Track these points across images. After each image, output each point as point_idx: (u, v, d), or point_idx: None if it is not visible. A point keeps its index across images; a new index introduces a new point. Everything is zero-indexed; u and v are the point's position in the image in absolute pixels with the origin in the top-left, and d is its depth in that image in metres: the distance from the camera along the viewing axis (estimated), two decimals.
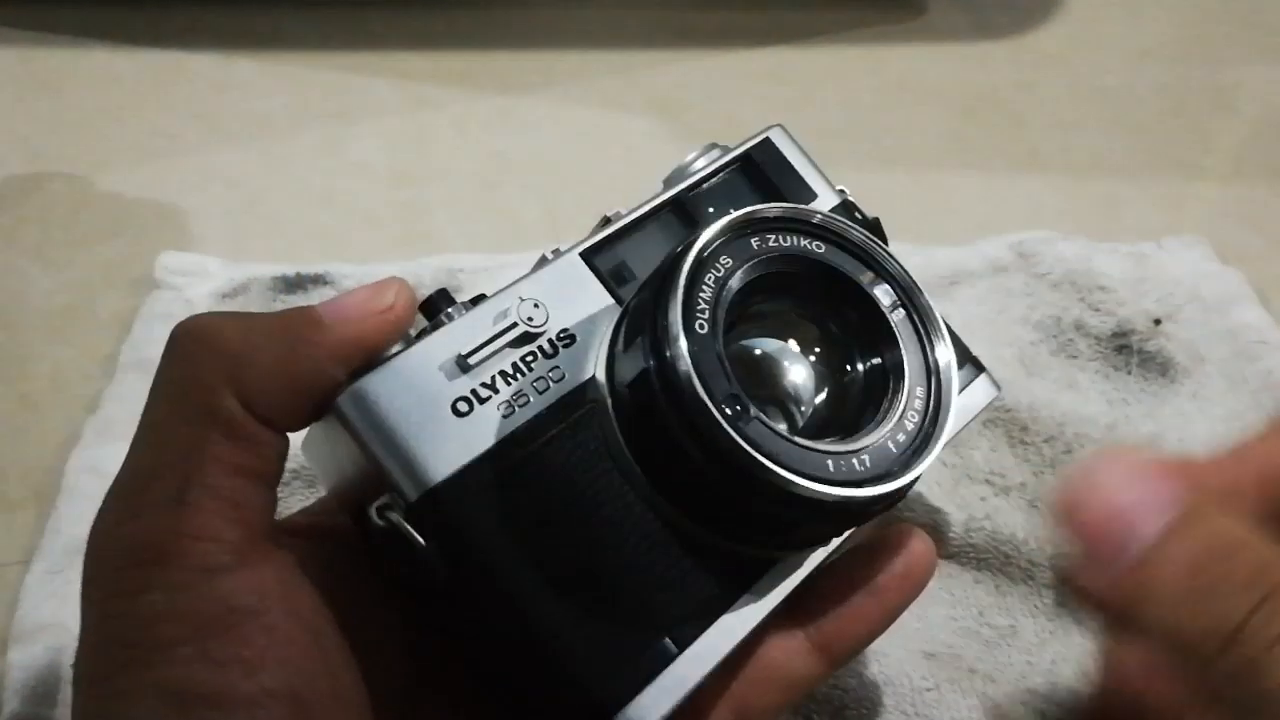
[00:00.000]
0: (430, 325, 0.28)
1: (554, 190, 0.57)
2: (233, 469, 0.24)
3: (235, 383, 0.25)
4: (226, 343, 0.25)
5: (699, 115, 0.61)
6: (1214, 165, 0.59)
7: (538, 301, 0.29)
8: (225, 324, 0.25)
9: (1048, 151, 0.59)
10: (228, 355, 0.25)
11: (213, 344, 0.25)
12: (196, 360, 0.25)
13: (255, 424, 0.25)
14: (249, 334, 0.25)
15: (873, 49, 0.66)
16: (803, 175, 0.34)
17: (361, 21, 0.66)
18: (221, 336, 0.25)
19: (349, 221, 0.55)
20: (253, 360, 0.25)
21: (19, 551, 0.41)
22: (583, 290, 0.30)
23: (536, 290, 0.29)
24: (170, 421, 0.25)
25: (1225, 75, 0.64)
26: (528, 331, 0.28)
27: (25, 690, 0.37)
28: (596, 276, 0.30)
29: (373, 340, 0.26)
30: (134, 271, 0.51)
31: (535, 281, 0.29)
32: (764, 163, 0.34)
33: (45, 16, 0.65)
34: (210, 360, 0.25)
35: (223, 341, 0.25)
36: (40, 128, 0.60)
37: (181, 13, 0.66)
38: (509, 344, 0.28)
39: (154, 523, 0.24)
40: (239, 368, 0.25)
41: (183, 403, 0.25)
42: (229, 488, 0.24)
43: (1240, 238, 0.53)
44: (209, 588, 0.23)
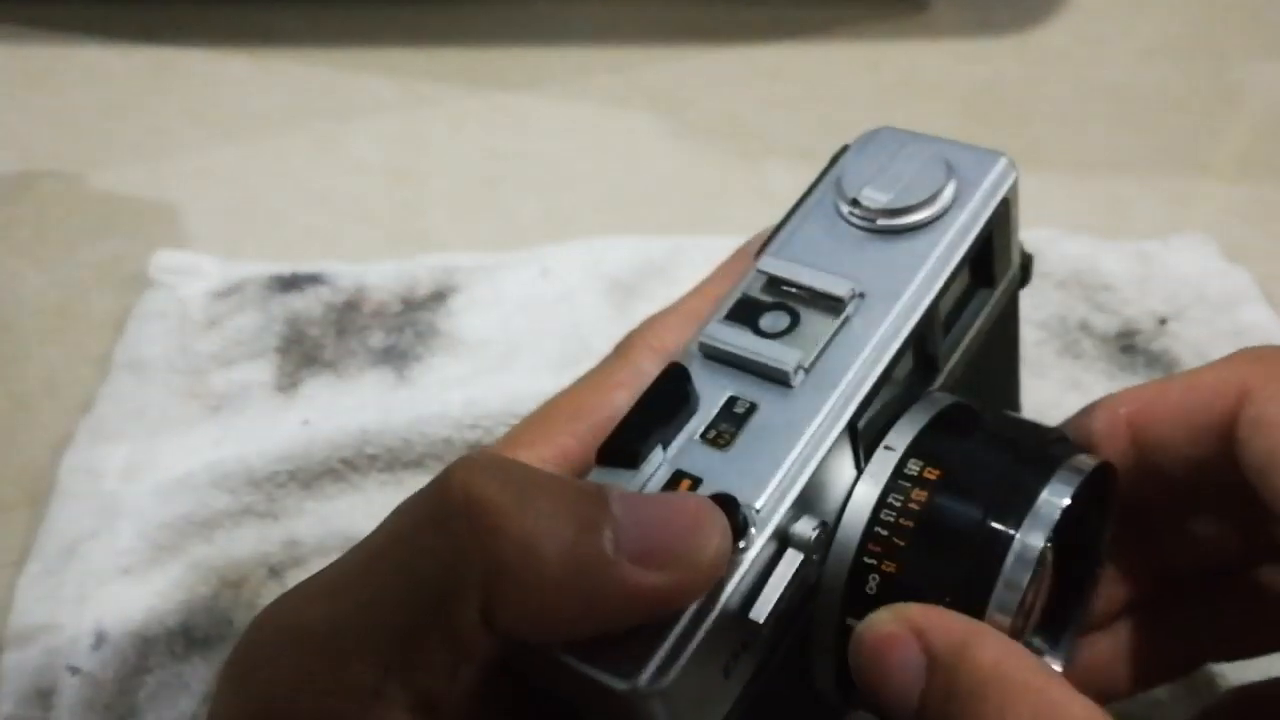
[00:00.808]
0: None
1: (552, 188, 0.57)
2: (436, 672, 0.21)
3: (488, 594, 0.20)
4: (499, 544, 0.20)
5: (699, 112, 0.61)
6: (1221, 163, 0.58)
7: (824, 524, 0.23)
8: (506, 512, 0.20)
9: (1051, 149, 0.59)
10: (494, 561, 0.20)
11: (484, 537, 0.20)
12: (457, 550, 0.20)
13: (487, 641, 0.21)
14: (530, 537, 0.20)
15: (874, 45, 0.65)
16: (1011, 245, 0.28)
17: (357, 18, 0.66)
18: (498, 533, 0.20)
19: (345, 220, 0.55)
20: (521, 578, 0.20)
21: (12, 552, 0.41)
22: (840, 469, 0.24)
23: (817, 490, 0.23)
24: (397, 601, 0.21)
25: (1232, 72, 0.63)
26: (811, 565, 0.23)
27: (19, 692, 0.36)
28: (852, 449, 0.24)
29: (670, 601, 0.21)
30: (127, 270, 0.51)
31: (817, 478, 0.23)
32: (993, 232, 0.27)
33: (37, 12, 0.65)
34: (473, 558, 0.20)
35: (496, 540, 0.20)
36: (32, 125, 0.59)
37: (176, 9, 0.66)
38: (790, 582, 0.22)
39: (346, 711, 0.21)
40: (501, 580, 0.20)
41: (420, 590, 0.21)
42: (430, 688, 0.21)
43: (1247, 236, 0.53)
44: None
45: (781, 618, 0.22)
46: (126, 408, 0.45)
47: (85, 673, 0.36)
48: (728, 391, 0.24)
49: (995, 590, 0.23)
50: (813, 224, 0.27)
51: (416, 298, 0.49)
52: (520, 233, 0.54)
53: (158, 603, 0.38)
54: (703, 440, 0.23)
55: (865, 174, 0.27)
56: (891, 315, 0.25)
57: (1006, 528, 0.23)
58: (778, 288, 0.25)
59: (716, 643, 0.21)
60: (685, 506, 0.21)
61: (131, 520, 0.41)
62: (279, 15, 0.66)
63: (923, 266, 0.25)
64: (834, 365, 0.24)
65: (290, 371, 0.46)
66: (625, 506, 0.21)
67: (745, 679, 0.23)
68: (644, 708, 0.21)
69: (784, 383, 0.24)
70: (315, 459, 0.42)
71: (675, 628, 0.21)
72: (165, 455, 0.43)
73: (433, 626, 0.20)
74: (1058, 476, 0.24)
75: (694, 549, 0.21)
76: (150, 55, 0.64)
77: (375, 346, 0.47)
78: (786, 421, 0.23)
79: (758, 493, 0.22)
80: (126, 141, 0.59)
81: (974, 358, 0.29)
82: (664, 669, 0.21)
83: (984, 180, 0.27)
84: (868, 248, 0.26)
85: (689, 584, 0.21)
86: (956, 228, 0.26)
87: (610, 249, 0.50)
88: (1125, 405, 0.27)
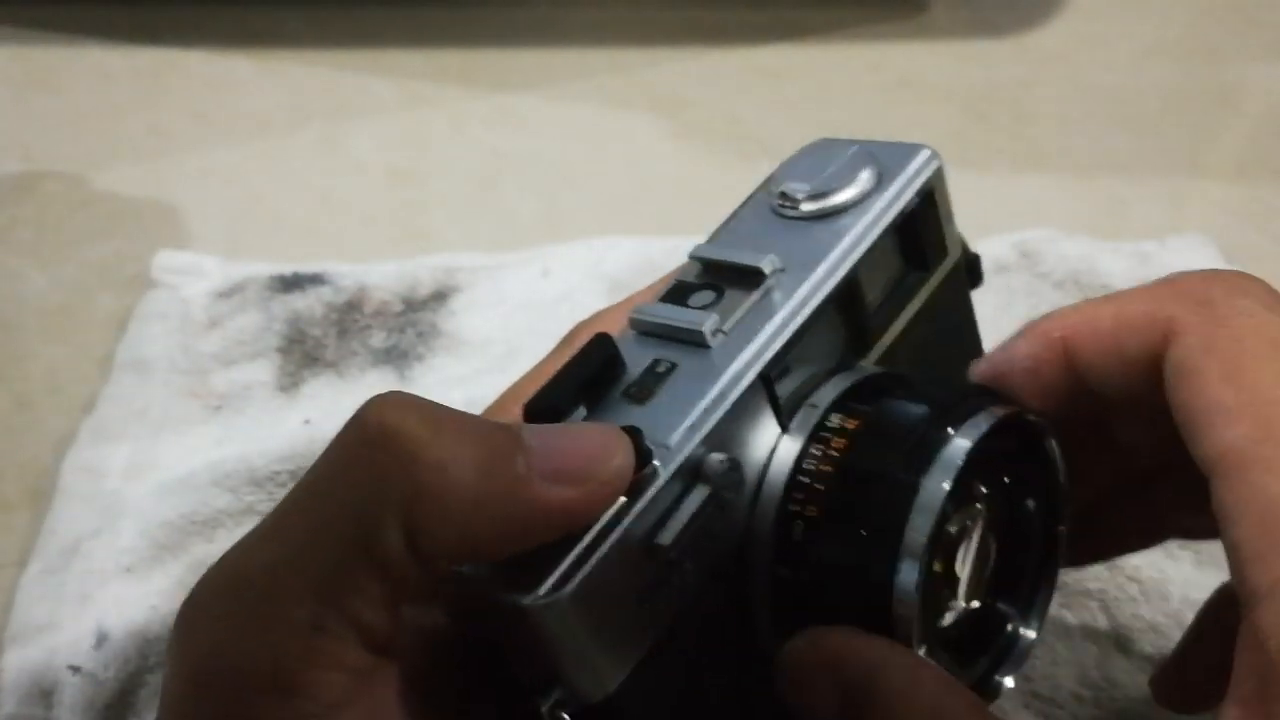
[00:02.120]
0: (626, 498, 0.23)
1: (553, 189, 0.57)
2: (372, 599, 0.21)
3: (409, 518, 0.21)
4: (416, 469, 0.21)
5: (699, 113, 0.61)
6: (1219, 164, 0.58)
7: (734, 461, 0.24)
8: (421, 440, 0.21)
9: (1050, 150, 0.59)
10: (412, 485, 0.21)
11: (400, 464, 0.21)
12: (375, 478, 0.21)
13: (412, 565, 0.21)
14: (444, 463, 0.21)
15: (875, 46, 0.65)
16: (944, 230, 0.30)
17: (359, 19, 0.66)
18: (414, 459, 0.21)
19: (346, 220, 0.55)
20: (438, 500, 0.21)
21: (14, 552, 0.41)
22: (756, 421, 0.25)
23: (726, 432, 0.24)
24: (322, 536, 0.21)
25: (1230, 73, 0.64)
26: (720, 501, 0.24)
27: (21, 691, 0.36)
28: (770, 403, 0.25)
29: (578, 516, 0.22)
30: (130, 270, 0.51)
31: (726, 421, 0.24)
32: (917, 216, 0.29)
33: (40, 14, 0.65)
34: (390, 484, 0.21)
35: (413, 466, 0.21)
36: (35, 126, 0.60)
37: (178, 10, 0.66)
38: (698, 512, 0.23)
39: (285, 647, 0.21)
40: (419, 503, 0.21)
41: (342, 521, 0.21)
42: (364, 618, 0.21)
43: (1245, 236, 0.53)
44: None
45: (701, 559, 0.24)
46: (128, 407, 0.45)
47: (86, 672, 0.36)
48: (652, 357, 0.25)
49: (905, 532, 0.24)
50: (745, 217, 0.29)
51: (418, 298, 0.49)
52: (521, 233, 0.54)
53: (159, 602, 0.39)
54: (624, 397, 0.24)
55: (795, 172, 0.29)
56: (809, 282, 0.26)
57: (911, 473, 0.24)
58: (707, 270, 0.27)
59: (622, 565, 0.22)
60: (590, 430, 0.23)
61: (133, 519, 0.41)
62: (280, 17, 0.66)
63: (841, 241, 0.27)
64: (750, 326, 0.25)
65: (292, 371, 0.46)
66: (535, 434, 0.22)
67: (668, 617, 0.24)
68: (543, 621, 0.22)
69: (702, 344, 0.25)
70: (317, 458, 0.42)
71: (577, 545, 0.22)
72: (167, 455, 0.43)
73: (360, 556, 0.21)
74: (968, 423, 0.25)
75: (600, 465, 0.22)
76: (152, 56, 0.64)
77: (376, 346, 0.47)
78: (702, 375, 0.25)
79: (668, 433, 0.23)
80: (128, 142, 0.59)
81: (919, 344, 0.30)
82: (562, 582, 0.21)
83: (905, 168, 0.28)
84: (793, 231, 0.28)
85: (596, 498, 0.22)
86: (876, 209, 0.27)
87: (611, 249, 0.51)
88: (1058, 329, 0.27)
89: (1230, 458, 0.22)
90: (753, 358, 0.25)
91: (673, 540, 0.23)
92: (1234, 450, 0.22)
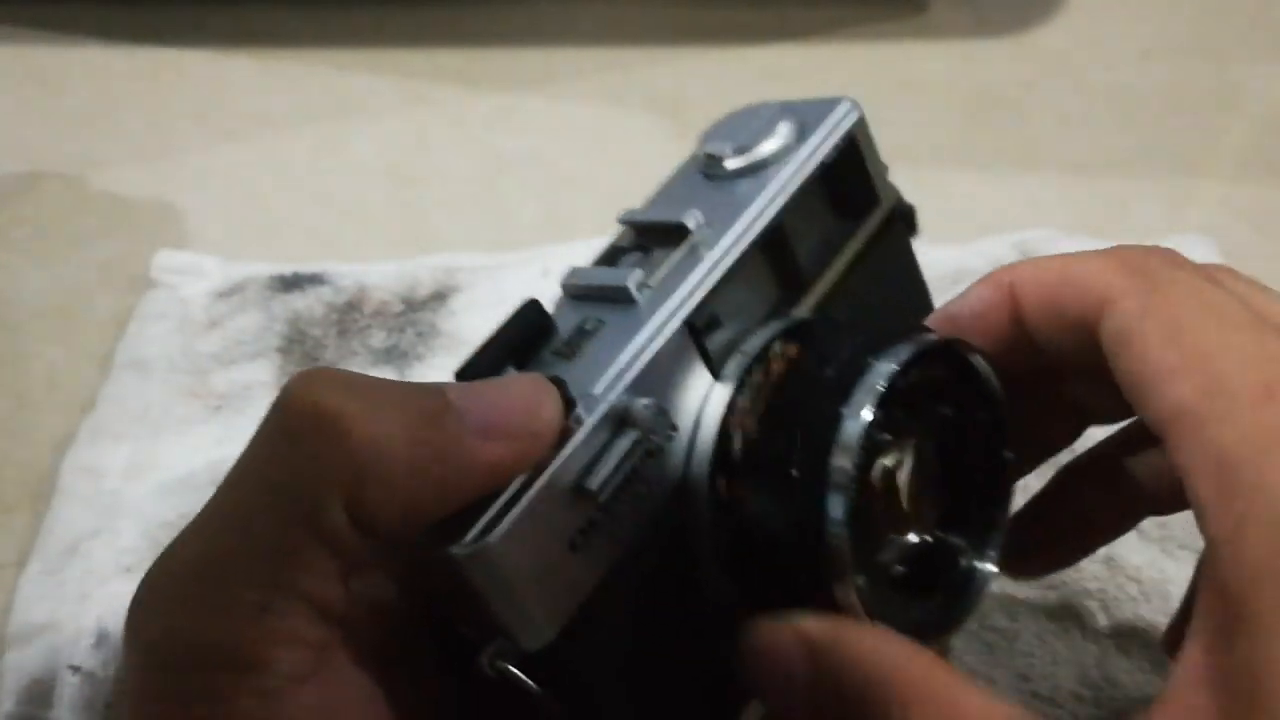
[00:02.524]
0: None
1: (553, 189, 0.57)
2: (321, 575, 0.22)
3: (349, 495, 0.21)
4: (351, 447, 0.21)
5: (699, 113, 0.60)
6: (1219, 164, 0.58)
7: (659, 407, 0.24)
8: (353, 416, 0.21)
9: (1050, 150, 0.59)
10: (349, 463, 0.21)
11: (335, 443, 0.21)
12: (312, 458, 0.21)
13: (358, 538, 0.22)
14: (378, 438, 0.21)
15: (874, 46, 0.65)
16: (872, 176, 0.30)
17: (359, 19, 0.66)
18: (348, 437, 0.21)
19: (346, 220, 0.55)
20: (376, 475, 0.21)
21: (14, 553, 0.41)
22: (685, 368, 0.26)
23: (653, 380, 0.25)
24: (264, 518, 0.22)
25: (1230, 73, 0.64)
26: (649, 446, 0.24)
27: (21, 691, 0.36)
28: (699, 352, 0.26)
29: (513, 469, 0.22)
30: (129, 270, 0.51)
31: (651, 369, 0.25)
32: (841, 164, 0.29)
33: (40, 14, 0.65)
34: (327, 464, 0.21)
35: (348, 444, 0.21)
36: (35, 125, 0.60)
37: (178, 10, 0.66)
38: (627, 455, 0.24)
39: (240, 628, 0.21)
40: (358, 480, 0.21)
41: (283, 503, 0.22)
42: (316, 592, 0.22)
43: (1245, 237, 0.53)
44: (299, 693, 0.22)
45: (640, 505, 0.24)
46: (128, 407, 0.45)
47: (86, 671, 0.36)
48: (581, 316, 0.25)
49: (833, 453, 0.24)
50: (673, 183, 0.29)
51: (418, 298, 0.49)
52: (521, 233, 0.54)
53: None
54: (552, 354, 0.25)
55: (719, 134, 0.29)
56: (731, 232, 0.26)
57: (832, 403, 0.25)
58: (637, 233, 0.28)
59: (551, 512, 0.23)
60: (517, 383, 0.23)
61: (133, 519, 0.41)
62: (281, 16, 0.66)
63: (763, 192, 0.27)
64: (675, 278, 0.26)
65: (292, 371, 0.46)
66: (462, 392, 0.23)
67: (605, 565, 0.24)
68: (473, 568, 0.22)
69: (628, 300, 0.25)
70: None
71: (503, 494, 0.22)
72: (167, 454, 0.43)
73: (305, 535, 0.21)
74: (889, 351, 0.25)
75: (529, 417, 0.22)
76: (152, 56, 0.64)
77: (376, 346, 0.47)
78: (628, 327, 0.25)
79: (594, 382, 0.24)
80: (129, 142, 0.59)
81: (857, 293, 0.30)
82: (488, 530, 0.22)
83: (825, 120, 0.29)
84: (718, 188, 0.28)
85: (527, 450, 0.22)
86: (797, 159, 0.28)
87: None
88: (1009, 275, 0.28)
89: (1180, 416, 0.23)
90: (677, 306, 0.25)
91: (601, 484, 0.23)
92: (1183, 408, 0.23)
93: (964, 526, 0.28)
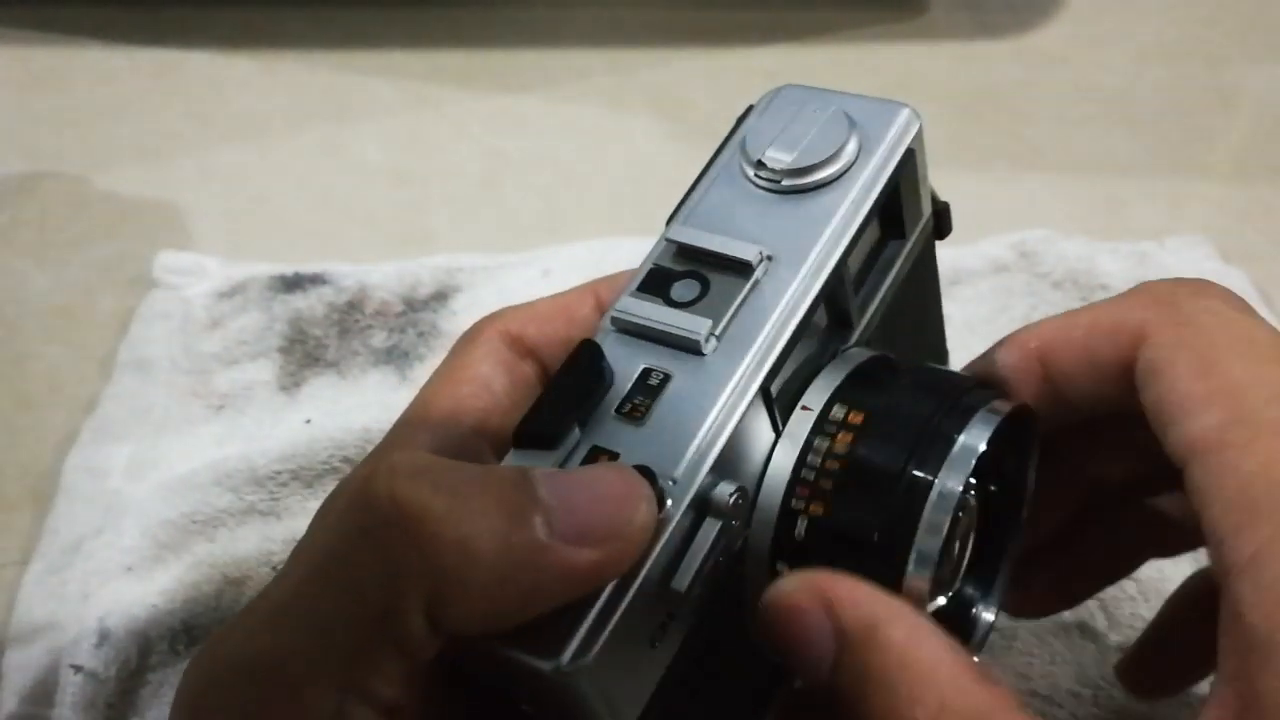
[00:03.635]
0: None
1: (554, 189, 0.57)
2: (392, 677, 0.21)
3: (430, 599, 0.20)
4: (436, 550, 0.20)
5: (700, 114, 0.61)
6: (1216, 164, 0.59)
7: (743, 492, 0.23)
8: (438, 518, 0.20)
9: (1049, 150, 0.59)
10: (433, 568, 0.20)
11: (419, 545, 0.20)
12: (393, 561, 0.20)
13: (435, 644, 0.21)
14: (464, 540, 0.20)
15: (874, 48, 0.65)
16: (921, 195, 0.28)
17: (361, 20, 0.66)
18: (433, 540, 0.20)
19: (348, 221, 0.55)
20: (460, 580, 0.20)
21: (16, 552, 0.41)
22: (756, 433, 0.24)
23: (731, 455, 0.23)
24: (342, 619, 0.21)
25: (1228, 74, 0.64)
26: (731, 538, 0.23)
27: (23, 690, 0.36)
28: (768, 412, 0.24)
29: (602, 574, 0.21)
30: (131, 271, 0.51)
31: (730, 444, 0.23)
32: (900, 183, 0.27)
33: (42, 14, 0.65)
34: (410, 567, 0.20)
35: (432, 547, 0.20)
36: (37, 126, 0.60)
37: (180, 11, 0.66)
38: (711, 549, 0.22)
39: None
40: (441, 585, 0.20)
41: (362, 605, 0.20)
42: (386, 695, 0.21)
43: (1243, 237, 0.53)
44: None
45: (706, 585, 0.22)
46: (130, 407, 0.45)
47: (88, 671, 0.36)
48: (641, 364, 0.24)
49: (918, 533, 0.23)
50: (719, 189, 0.27)
51: (419, 298, 0.49)
52: (521, 233, 0.54)
53: (161, 601, 0.39)
54: (618, 415, 0.23)
55: (768, 134, 0.27)
56: (799, 276, 0.25)
57: (926, 473, 0.24)
58: (687, 256, 0.25)
59: (640, 615, 0.22)
60: (609, 479, 0.22)
61: (135, 519, 0.41)
62: (282, 18, 0.66)
63: (828, 224, 0.25)
64: (744, 330, 0.24)
65: (293, 371, 0.46)
66: (552, 488, 0.21)
67: (674, 648, 0.23)
68: (569, 686, 0.21)
69: (696, 351, 0.24)
70: (318, 458, 0.42)
71: (597, 604, 0.21)
72: (169, 454, 0.43)
73: (382, 640, 0.20)
74: (976, 420, 0.24)
75: (623, 521, 0.21)
76: (154, 57, 0.64)
77: (378, 346, 0.47)
78: (700, 390, 0.23)
79: (674, 463, 0.22)
80: (130, 143, 0.59)
81: (890, 310, 0.29)
82: (586, 646, 0.21)
83: (887, 133, 0.27)
84: (774, 209, 0.26)
85: (621, 555, 0.21)
86: (861, 183, 0.26)
87: (611, 250, 0.51)
88: (1035, 339, 0.27)
89: (1203, 443, 0.23)
90: (752, 368, 0.23)
91: (688, 585, 0.22)
92: (1207, 435, 0.23)
93: (979, 576, 0.28)
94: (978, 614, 0.28)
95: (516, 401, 0.27)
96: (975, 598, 0.28)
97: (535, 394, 0.25)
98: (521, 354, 0.27)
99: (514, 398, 0.27)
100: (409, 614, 0.20)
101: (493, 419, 0.26)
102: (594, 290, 0.28)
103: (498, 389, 0.26)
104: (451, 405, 0.26)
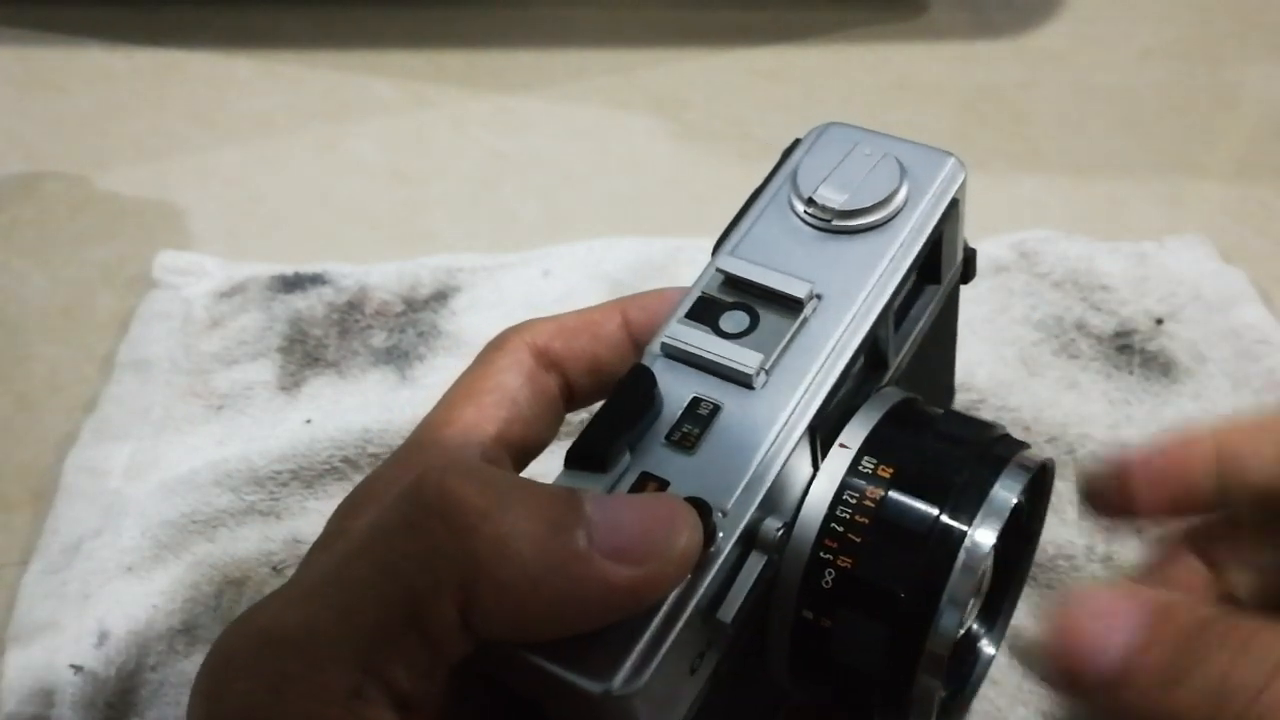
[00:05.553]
0: None
1: (553, 189, 0.57)
2: (415, 667, 0.21)
3: (463, 592, 0.20)
4: (474, 542, 0.20)
5: (699, 114, 0.61)
6: (1216, 164, 0.59)
7: (787, 528, 0.24)
8: (481, 512, 0.20)
9: (1049, 150, 0.59)
10: (469, 559, 0.20)
11: (458, 535, 0.20)
12: (431, 547, 0.20)
13: (464, 640, 0.21)
14: (503, 538, 0.20)
15: (874, 47, 0.65)
16: (958, 243, 0.29)
17: (360, 20, 0.66)
18: (473, 532, 0.20)
19: (347, 221, 0.55)
20: (494, 577, 0.20)
21: (16, 552, 0.41)
22: (798, 469, 0.25)
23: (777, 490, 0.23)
24: (372, 601, 0.21)
25: (1228, 74, 0.64)
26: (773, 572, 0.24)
27: (23, 691, 0.36)
28: (810, 448, 0.25)
29: (641, 595, 0.21)
30: (131, 271, 0.51)
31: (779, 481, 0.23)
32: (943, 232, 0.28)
33: (41, 15, 0.65)
34: (446, 555, 0.20)
35: (471, 539, 0.20)
36: (37, 127, 0.60)
37: (179, 11, 0.66)
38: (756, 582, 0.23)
39: (325, 713, 0.20)
40: (475, 579, 0.20)
41: (394, 587, 0.21)
42: (406, 685, 0.21)
43: (1243, 237, 0.53)
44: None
45: (745, 616, 0.23)
46: (130, 407, 0.45)
47: (88, 671, 0.37)
48: (691, 392, 0.24)
49: (949, 584, 0.23)
50: (769, 221, 0.27)
51: (419, 298, 0.49)
52: (521, 233, 0.54)
53: (161, 601, 0.39)
54: (668, 442, 0.23)
55: (819, 172, 0.27)
56: (848, 317, 0.25)
57: (960, 524, 0.24)
58: (736, 287, 0.26)
59: (685, 643, 0.22)
60: (657, 504, 0.22)
61: (135, 519, 0.41)
62: (282, 18, 0.66)
63: (877, 268, 0.26)
64: (794, 367, 0.24)
65: (293, 371, 0.46)
66: (598, 506, 0.21)
67: (708, 674, 0.23)
68: (618, 710, 0.21)
69: (746, 385, 0.24)
70: (318, 458, 0.42)
71: (648, 630, 0.21)
72: (168, 454, 0.43)
73: (410, 627, 0.20)
74: (1007, 473, 0.25)
75: (666, 544, 0.21)
76: (154, 57, 0.64)
77: (377, 346, 0.47)
78: (751, 424, 0.24)
79: (726, 496, 0.22)
80: (130, 143, 0.59)
81: (919, 351, 0.29)
82: (638, 671, 0.21)
83: (935, 181, 0.27)
84: (824, 247, 0.26)
85: (661, 579, 0.21)
86: (909, 229, 0.27)
87: (611, 250, 0.51)
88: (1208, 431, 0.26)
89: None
90: (801, 406, 0.24)
91: (733, 616, 0.22)
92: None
93: (985, 613, 0.28)
94: (981, 649, 0.28)
95: (538, 413, 0.27)
96: (980, 633, 0.28)
97: (556, 406, 0.26)
98: (546, 366, 0.28)
99: (536, 409, 0.27)
100: (440, 605, 0.20)
101: (514, 429, 0.27)
102: (621, 307, 0.28)
103: (520, 400, 0.27)
104: (475, 412, 0.26)
